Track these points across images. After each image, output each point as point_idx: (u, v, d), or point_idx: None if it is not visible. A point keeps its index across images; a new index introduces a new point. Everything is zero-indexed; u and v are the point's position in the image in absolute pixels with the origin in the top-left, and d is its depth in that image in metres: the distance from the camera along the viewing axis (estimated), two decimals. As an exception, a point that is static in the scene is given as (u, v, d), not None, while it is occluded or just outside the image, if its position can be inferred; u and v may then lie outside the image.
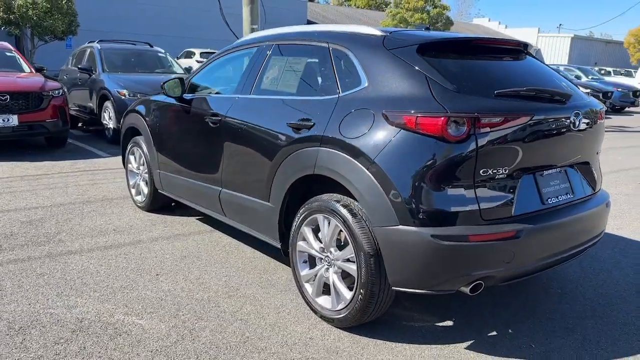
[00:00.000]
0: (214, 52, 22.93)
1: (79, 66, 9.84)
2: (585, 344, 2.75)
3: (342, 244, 2.80)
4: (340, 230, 2.73)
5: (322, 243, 2.88)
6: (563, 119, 2.64)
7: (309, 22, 36.42)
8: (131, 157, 5.03)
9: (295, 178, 2.94)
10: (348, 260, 2.70)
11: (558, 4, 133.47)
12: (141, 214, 4.84)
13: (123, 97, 8.48)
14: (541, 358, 2.60)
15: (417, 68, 2.58)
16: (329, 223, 2.79)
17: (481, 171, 2.41)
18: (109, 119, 8.86)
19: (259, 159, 3.24)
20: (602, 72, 27.31)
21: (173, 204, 4.97)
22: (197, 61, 22.03)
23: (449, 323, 2.95)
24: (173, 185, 4.32)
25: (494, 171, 2.44)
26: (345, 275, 2.79)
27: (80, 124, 10.60)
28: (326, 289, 2.92)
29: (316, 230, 2.94)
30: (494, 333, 2.85)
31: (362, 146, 2.53)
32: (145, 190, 4.84)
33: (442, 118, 2.33)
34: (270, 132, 3.15)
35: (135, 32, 22.79)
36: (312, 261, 3.02)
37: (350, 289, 2.73)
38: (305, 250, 2.99)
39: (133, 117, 4.87)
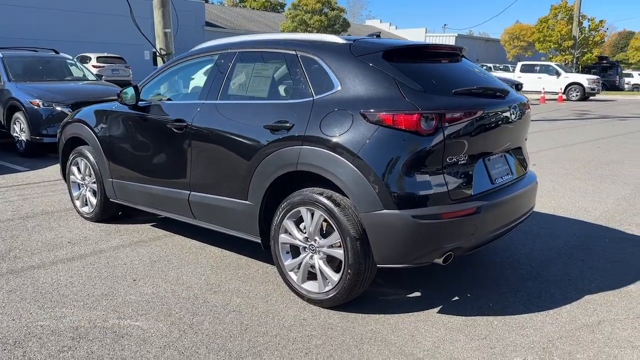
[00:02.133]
0: (114, 56, 21.86)
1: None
2: (530, 299, 3.29)
3: (325, 232, 3.10)
4: (324, 220, 3.03)
5: (305, 233, 3.15)
6: (504, 112, 3.15)
7: (208, 24, 35.99)
8: (74, 169, 4.94)
9: (276, 176, 3.19)
10: (333, 246, 3.01)
11: (442, 5, 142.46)
12: (91, 225, 4.78)
13: (36, 107, 8.09)
14: (501, 313, 3.09)
15: (385, 72, 2.96)
16: (312, 214, 3.08)
17: (447, 158, 2.83)
18: (20, 131, 8.39)
19: (233, 161, 3.44)
20: (485, 67, 29.88)
21: (120, 212, 4.96)
22: (94, 66, 21.04)
23: (418, 294, 3.37)
24: (130, 193, 4.35)
25: (457, 158, 2.88)
26: (329, 260, 3.10)
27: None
28: (310, 276, 3.21)
29: (298, 222, 3.22)
30: (457, 298, 3.31)
31: (344, 143, 2.86)
32: (94, 200, 4.78)
33: (416, 115, 2.73)
34: (244, 134, 3.37)
35: (22, 37, 21.26)
36: (294, 251, 3.29)
37: (337, 271, 3.04)
38: (288, 241, 3.25)
39: (75, 128, 4.79)
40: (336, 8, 34.39)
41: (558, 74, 24.97)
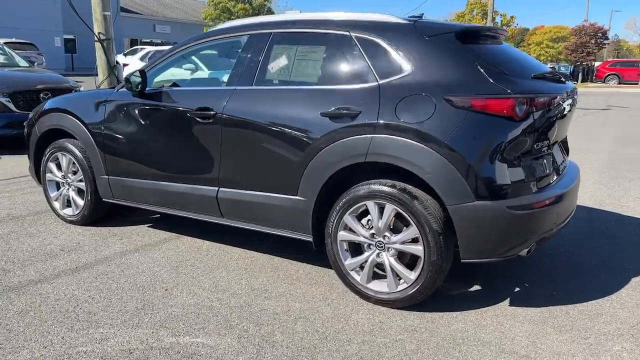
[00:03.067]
0: (24, 42, 19.95)
1: None
2: (587, 286, 3.29)
3: (393, 227, 2.88)
4: (396, 214, 2.81)
5: (371, 229, 2.92)
6: (568, 97, 3.09)
7: (123, 9, 33.88)
8: (51, 165, 4.31)
9: (337, 168, 2.92)
10: (410, 241, 2.80)
11: None
12: (78, 229, 4.20)
13: (-34, 97, 7.06)
14: (569, 302, 3.05)
15: (463, 55, 2.78)
16: (381, 209, 2.85)
17: (535, 145, 2.72)
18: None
19: (279, 153, 3.11)
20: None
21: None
22: None
23: (477, 287, 3.25)
24: (133, 191, 3.85)
25: (541, 145, 2.78)
26: (399, 257, 2.89)
27: None
28: (375, 274, 2.98)
29: (359, 218, 2.97)
30: (518, 289, 3.23)
31: (429, 130, 2.65)
32: (80, 201, 4.20)
33: (511, 99, 2.58)
34: (294, 124, 3.06)
35: None
36: (354, 249, 3.04)
37: (410, 268, 2.84)
38: (349, 239, 3.00)
39: (55, 119, 4.18)
40: (263, -4, 33.75)
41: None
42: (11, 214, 4.57)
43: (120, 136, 3.80)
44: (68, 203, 4.35)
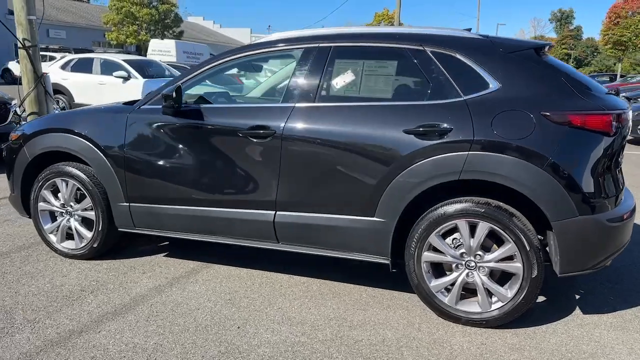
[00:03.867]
0: None
1: None
2: (633, 289, 3.47)
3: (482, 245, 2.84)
4: (489, 232, 2.78)
5: (458, 248, 2.86)
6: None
7: (11, 12, 30.92)
8: (46, 193, 3.76)
9: (426, 187, 2.83)
10: (505, 259, 2.78)
11: (266, 6, 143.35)
12: (86, 265, 3.70)
13: None
14: (626, 304, 3.20)
15: (548, 70, 2.82)
16: (473, 227, 2.80)
17: (619, 159, 2.82)
18: None
19: (354, 173, 2.95)
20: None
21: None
22: None
23: (542, 298, 3.30)
24: (163, 219, 3.46)
25: (620, 159, 2.88)
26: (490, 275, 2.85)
27: None
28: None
29: (444, 237, 2.90)
30: (578, 296, 3.33)
31: (532, 146, 2.64)
32: (87, 232, 3.70)
33: (607, 115, 2.65)
34: (373, 142, 2.92)
35: None
36: (437, 270, 2.97)
37: (501, 285, 2.82)
38: (434, 259, 2.92)
39: (54, 139, 3.65)
40: (167, 2, 32.50)
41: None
42: (-11, 250, 3.92)
43: (149, 159, 3.40)
44: (68, 235, 3.81)
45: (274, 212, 3.18)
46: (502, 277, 2.88)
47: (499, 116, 2.73)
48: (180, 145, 3.33)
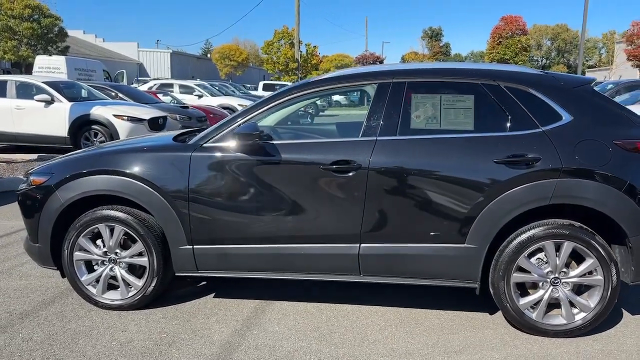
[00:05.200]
0: None
1: None
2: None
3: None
4: (573, 251, 3.07)
5: (546, 268, 3.11)
6: None
7: None
8: (84, 241, 3.41)
9: (517, 213, 3.04)
10: (587, 274, 3.08)
11: (154, 20, 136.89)
12: (138, 316, 3.41)
13: None
14: (662, 304, 3.68)
15: (607, 102, 3.20)
16: (558, 247, 3.07)
17: None
18: None
19: (445, 203, 3.09)
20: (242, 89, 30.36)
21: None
22: None
23: (589, 305, 3.65)
24: (231, 259, 3.31)
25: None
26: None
27: None
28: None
29: (529, 257, 3.13)
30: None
31: (612, 172, 2.97)
32: (136, 281, 3.42)
33: (666, 141, 3.07)
34: (462, 173, 3.08)
35: None
36: (523, 289, 3.19)
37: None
38: (523, 280, 3.14)
39: (101, 182, 3.33)
40: (50, 15, 30.11)
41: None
42: (23, 310, 3.45)
43: (220, 199, 3.24)
44: (108, 285, 3.48)
45: (358, 245, 3.20)
46: (577, 291, 3.18)
47: (579, 145, 3.03)
48: (257, 183, 3.22)
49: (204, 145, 3.31)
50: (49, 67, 24.70)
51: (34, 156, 9.54)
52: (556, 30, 72.69)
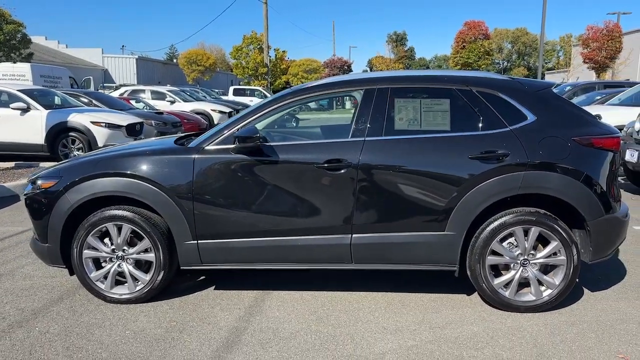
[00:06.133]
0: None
1: None
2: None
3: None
4: (540, 234, 3.48)
5: (516, 250, 3.51)
6: None
7: None
8: (92, 240, 3.64)
9: (490, 202, 3.44)
10: (552, 255, 3.50)
11: (118, 25, 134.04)
12: (146, 308, 3.66)
13: None
14: (618, 279, 4.13)
15: (566, 104, 3.63)
16: (527, 231, 3.48)
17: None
18: None
19: (427, 195, 3.46)
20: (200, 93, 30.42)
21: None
22: None
23: (554, 285, 4.09)
24: (234, 252, 3.60)
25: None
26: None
27: None
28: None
29: (501, 241, 3.53)
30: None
31: (572, 165, 3.40)
32: (143, 276, 3.67)
33: (617, 137, 3.52)
34: (442, 168, 3.45)
35: None
36: (498, 270, 3.59)
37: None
38: (496, 262, 3.54)
39: (110, 184, 3.57)
40: (13, 22, 29.52)
41: (266, 97, 28.02)
42: (34, 307, 3.65)
43: (222, 197, 3.53)
44: (116, 281, 3.72)
45: (350, 236, 3.54)
46: (544, 270, 3.59)
47: (543, 142, 3.45)
48: (257, 181, 3.53)
49: (206, 147, 3.60)
50: (14, 74, 24.26)
51: (11, 164, 9.54)
52: (516, 34, 75.11)
